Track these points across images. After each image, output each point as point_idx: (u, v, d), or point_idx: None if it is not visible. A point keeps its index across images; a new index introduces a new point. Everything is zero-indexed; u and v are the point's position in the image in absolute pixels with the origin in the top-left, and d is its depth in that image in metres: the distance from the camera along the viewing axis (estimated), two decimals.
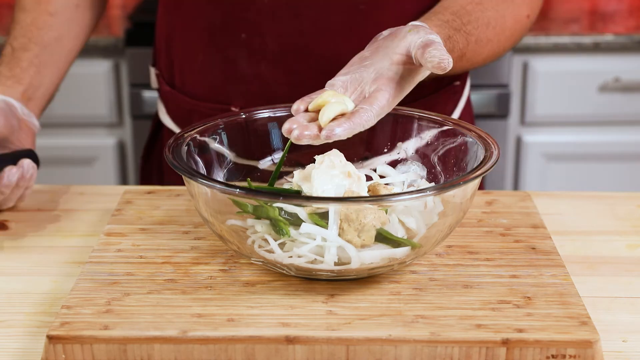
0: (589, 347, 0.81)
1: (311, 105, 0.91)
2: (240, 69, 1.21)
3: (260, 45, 1.18)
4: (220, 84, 1.23)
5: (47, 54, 1.20)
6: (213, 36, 1.20)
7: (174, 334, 0.81)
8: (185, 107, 1.27)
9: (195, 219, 1.03)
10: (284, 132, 0.89)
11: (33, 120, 1.15)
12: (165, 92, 1.31)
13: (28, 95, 1.17)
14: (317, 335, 0.81)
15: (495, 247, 0.97)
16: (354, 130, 0.88)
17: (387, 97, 0.91)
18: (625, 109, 2.23)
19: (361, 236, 0.87)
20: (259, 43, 1.18)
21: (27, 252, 1.04)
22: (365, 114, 0.89)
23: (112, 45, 2.15)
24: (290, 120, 0.90)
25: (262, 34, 1.18)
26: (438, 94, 1.26)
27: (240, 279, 0.91)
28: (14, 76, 1.16)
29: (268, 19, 1.17)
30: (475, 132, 0.96)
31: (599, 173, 2.28)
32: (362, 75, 0.94)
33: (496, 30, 1.12)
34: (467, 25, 1.07)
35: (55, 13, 1.22)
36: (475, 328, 0.82)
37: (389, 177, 1.00)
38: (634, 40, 2.17)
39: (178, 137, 0.95)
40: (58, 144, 2.23)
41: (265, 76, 1.20)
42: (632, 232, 1.08)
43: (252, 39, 1.18)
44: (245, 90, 1.21)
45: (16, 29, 1.20)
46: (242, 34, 1.18)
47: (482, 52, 1.12)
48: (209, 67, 1.23)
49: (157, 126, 1.38)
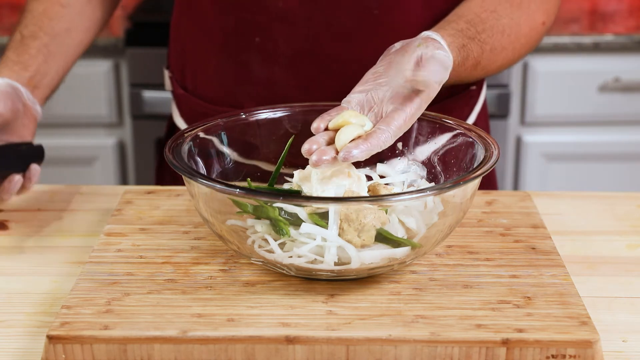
0: (589, 347, 0.81)
1: (331, 124, 0.91)
2: (253, 72, 1.20)
3: (274, 49, 1.18)
4: (232, 87, 1.23)
5: (56, 44, 1.21)
6: (226, 40, 1.20)
7: (174, 334, 0.81)
8: (198, 110, 1.27)
9: (195, 219, 1.03)
10: (304, 152, 0.89)
11: (37, 107, 1.16)
12: (179, 95, 1.31)
13: (34, 83, 1.17)
14: (317, 335, 0.81)
15: (495, 247, 0.97)
16: (372, 152, 0.89)
17: (403, 117, 0.91)
18: (625, 109, 2.23)
19: (361, 236, 0.87)
20: (272, 47, 1.18)
21: (27, 252, 1.04)
22: (382, 134, 0.89)
23: (112, 45, 2.15)
24: (310, 140, 0.90)
25: (276, 37, 1.17)
26: (454, 99, 1.26)
27: (240, 279, 0.91)
28: (21, 62, 1.17)
29: (281, 23, 1.17)
30: (475, 132, 0.96)
31: (599, 173, 2.28)
32: (377, 94, 0.94)
33: (511, 38, 1.12)
34: (481, 33, 1.07)
35: (67, 5, 1.22)
36: (475, 328, 0.82)
37: (389, 177, 1.00)
38: (634, 40, 2.17)
39: (178, 137, 0.95)
40: (58, 144, 2.23)
41: (277, 79, 1.20)
42: (632, 232, 1.08)
43: (265, 42, 1.18)
44: (257, 94, 1.21)
45: (27, 17, 1.21)
46: (256, 38, 1.18)
47: (496, 60, 1.12)
48: (222, 71, 1.23)
49: (171, 128, 1.38)
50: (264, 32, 1.18)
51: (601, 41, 2.17)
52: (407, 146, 1.02)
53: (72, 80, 2.17)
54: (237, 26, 1.19)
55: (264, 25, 1.17)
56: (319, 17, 1.16)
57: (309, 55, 1.18)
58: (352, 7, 1.16)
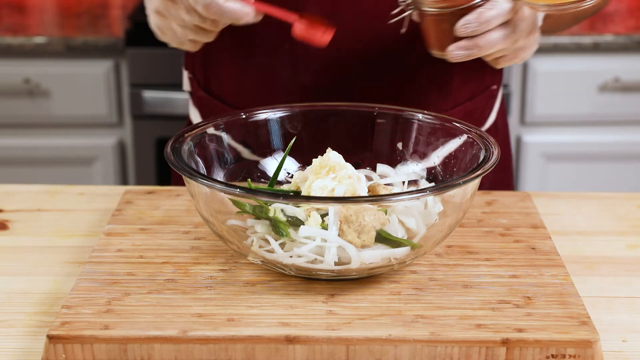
0: (588, 347, 0.81)
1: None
2: (282, 78, 1.20)
3: (304, 55, 1.18)
4: (258, 92, 1.22)
5: None
6: (255, 45, 1.19)
7: (174, 334, 0.81)
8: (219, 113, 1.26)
9: (195, 219, 1.03)
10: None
11: None
12: (199, 97, 1.30)
13: None
14: (317, 335, 0.81)
15: (495, 247, 0.97)
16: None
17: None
18: (625, 109, 2.23)
19: (361, 237, 0.87)
20: (303, 53, 1.18)
21: (27, 252, 1.04)
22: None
23: (112, 45, 2.15)
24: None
25: (306, 44, 1.17)
26: (475, 101, 1.26)
27: (240, 279, 0.91)
28: None
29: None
30: (475, 132, 0.96)
31: (599, 173, 2.28)
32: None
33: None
34: None
35: None
36: (475, 328, 0.82)
37: (389, 177, 1.00)
38: (634, 40, 2.17)
39: (178, 137, 0.95)
40: (58, 144, 2.23)
41: (306, 85, 1.19)
42: (632, 232, 1.08)
43: (295, 49, 1.17)
44: (285, 100, 1.20)
45: None
46: (286, 44, 1.18)
47: None
48: (248, 76, 1.22)
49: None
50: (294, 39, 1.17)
51: (601, 41, 2.17)
52: (407, 146, 1.02)
53: (72, 80, 2.19)
54: (267, 32, 1.18)
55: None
56: (353, 23, 1.15)
57: (340, 60, 1.17)
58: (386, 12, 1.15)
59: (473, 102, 1.25)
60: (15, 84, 2.17)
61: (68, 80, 2.19)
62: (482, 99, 1.27)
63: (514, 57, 0.98)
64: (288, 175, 1.02)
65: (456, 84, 1.22)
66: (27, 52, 2.15)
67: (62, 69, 2.17)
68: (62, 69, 2.17)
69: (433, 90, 1.21)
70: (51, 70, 2.17)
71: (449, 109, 1.22)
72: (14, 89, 2.17)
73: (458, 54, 0.93)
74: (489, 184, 1.27)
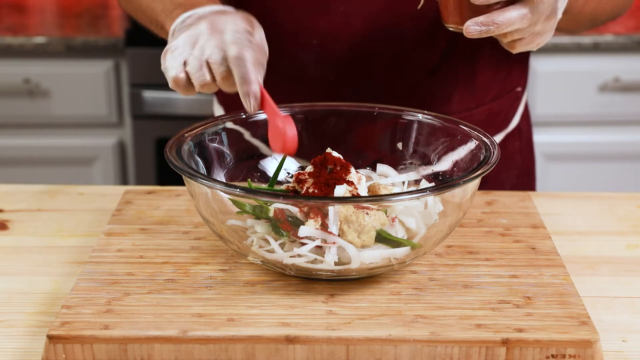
0: (588, 347, 0.81)
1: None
2: (308, 73, 1.20)
3: (330, 51, 1.18)
4: (284, 87, 1.22)
5: None
6: (283, 42, 1.19)
7: (174, 334, 0.81)
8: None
9: (195, 219, 1.03)
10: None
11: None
12: (225, 95, 1.29)
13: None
14: (317, 335, 0.81)
15: (495, 247, 0.97)
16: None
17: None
18: (625, 109, 2.23)
19: (361, 237, 0.87)
20: (330, 49, 1.18)
21: (27, 252, 1.04)
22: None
23: (112, 45, 2.15)
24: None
25: (334, 40, 1.17)
26: (499, 102, 1.26)
27: (240, 279, 0.91)
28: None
29: (341, 26, 1.16)
30: (475, 132, 0.96)
31: (599, 173, 2.28)
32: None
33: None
34: None
35: None
36: (475, 328, 0.82)
37: (389, 177, 1.00)
38: (634, 40, 2.17)
39: (178, 137, 0.95)
40: (58, 144, 2.23)
41: (331, 80, 1.19)
42: (632, 232, 1.08)
43: (323, 45, 1.18)
44: (310, 94, 1.20)
45: None
46: (314, 40, 1.17)
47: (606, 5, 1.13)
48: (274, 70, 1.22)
49: None
50: (324, 34, 1.17)
51: (601, 41, 2.17)
52: (407, 147, 1.02)
53: (72, 80, 2.19)
54: (295, 28, 1.17)
55: (324, 28, 1.17)
56: (380, 19, 1.15)
57: (366, 55, 1.17)
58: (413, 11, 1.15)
59: (497, 103, 1.25)
60: (15, 84, 2.17)
61: (68, 80, 2.19)
62: (506, 101, 1.27)
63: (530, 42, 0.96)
64: (288, 175, 1.02)
65: (480, 83, 1.22)
66: (27, 52, 2.15)
67: (62, 69, 2.17)
68: (62, 69, 2.17)
69: (456, 89, 1.21)
70: (51, 70, 2.17)
71: (473, 108, 1.22)
72: (14, 89, 2.17)
73: (474, 29, 0.92)
74: (511, 188, 1.27)
